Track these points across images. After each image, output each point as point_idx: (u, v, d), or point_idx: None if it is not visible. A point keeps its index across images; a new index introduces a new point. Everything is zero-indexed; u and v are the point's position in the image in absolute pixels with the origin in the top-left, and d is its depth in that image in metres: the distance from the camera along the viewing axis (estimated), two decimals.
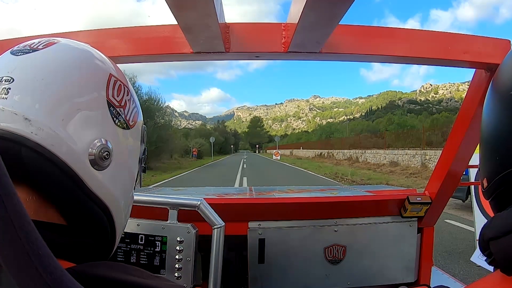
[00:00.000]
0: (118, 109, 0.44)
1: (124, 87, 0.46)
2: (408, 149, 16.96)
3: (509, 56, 0.42)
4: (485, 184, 0.40)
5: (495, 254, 0.34)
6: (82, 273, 0.31)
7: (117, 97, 0.44)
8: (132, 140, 0.47)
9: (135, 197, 0.94)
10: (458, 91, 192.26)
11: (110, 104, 0.43)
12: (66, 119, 0.38)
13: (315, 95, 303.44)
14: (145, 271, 0.40)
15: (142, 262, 0.92)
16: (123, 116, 0.45)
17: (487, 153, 0.40)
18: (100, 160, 0.39)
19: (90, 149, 0.39)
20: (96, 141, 0.39)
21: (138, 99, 0.53)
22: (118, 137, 0.43)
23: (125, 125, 0.45)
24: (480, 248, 0.38)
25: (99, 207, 0.40)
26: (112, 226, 0.43)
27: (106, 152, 0.40)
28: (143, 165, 0.54)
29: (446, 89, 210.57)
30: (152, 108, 23.77)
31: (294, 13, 0.74)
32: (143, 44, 0.90)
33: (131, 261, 0.93)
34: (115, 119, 0.43)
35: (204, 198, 0.92)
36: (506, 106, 0.37)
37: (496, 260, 0.34)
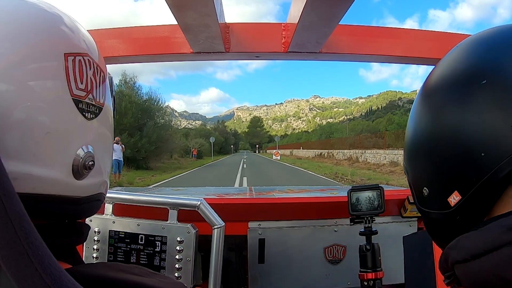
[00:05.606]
0: (87, 100, 0.37)
1: (83, 59, 0.37)
2: None
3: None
4: (456, 198, 0.35)
5: (461, 277, 0.31)
6: (80, 274, 0.31)
7: (81, 83, 0.36)
8: (107, 116, 0.42)
9: (135, 197, 0.94)
10: None
11: (77, 102, 0.35)
12: (38, 152, 0.32)
13: (315, 95, 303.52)
14: (145, 268, 0.40)
15: (142, 262, 0.92)
16: (94, 101, 0.37)
17: (456, 159, 0.35)
18: (85, 170, 0.36)
19: (73, 166, 0.35)
20: (77, 153, 0.35)
21: (138, 99, 0.50)
22: (96, 131, 0.39)
23: (98, 110, 0.38)
24: (441, 269, 0.36)
25: (94, 200, 0.40)
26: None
27: (91, 162, 0.37)
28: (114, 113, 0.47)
29: None
30: (152, 108, 23.75)
31: (294, 13, 0.74)
32: (143, 44, 0.90)
33: (131, 261, 0.93)
34: (87, 114, 0.37)
35: (204, 198, 0.92)
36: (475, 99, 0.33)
37: (462, 284, 0.32)
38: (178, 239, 0.90)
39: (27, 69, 0.32)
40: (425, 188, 0.39)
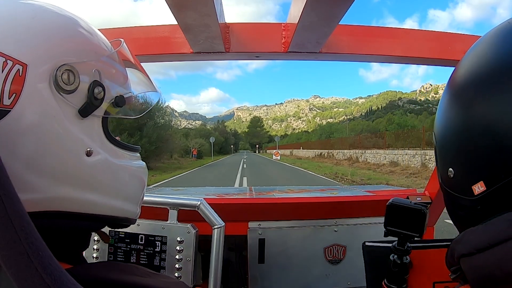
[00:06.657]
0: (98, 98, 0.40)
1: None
2: (408, 149, 16.94)
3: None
4: (480, 188, 0.34)
5: (467, 271, 0.31)
6: (80, 274, 0.31)
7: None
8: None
9: None
10: None
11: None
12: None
13: (315, 95, 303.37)
14: (144, 268, 0.40)
15: (142, 262, 0.92)
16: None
17: (487, 150, 0.33)
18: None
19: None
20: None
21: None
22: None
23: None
24: (446, 263, 0.36)
25: None
26: None
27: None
28: None
29: None
30: (152, 108, 23.66)
31: (294, 13, 0.74)
32: (143, 44, 0.90)
33: (131, 261, 0.93)
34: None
35: (204, 198, 0.92)
36: None
37: (468, 278, 0.31)
38: (178, 239, 0.90)
39: None
40: (450, 168, 0.37)
